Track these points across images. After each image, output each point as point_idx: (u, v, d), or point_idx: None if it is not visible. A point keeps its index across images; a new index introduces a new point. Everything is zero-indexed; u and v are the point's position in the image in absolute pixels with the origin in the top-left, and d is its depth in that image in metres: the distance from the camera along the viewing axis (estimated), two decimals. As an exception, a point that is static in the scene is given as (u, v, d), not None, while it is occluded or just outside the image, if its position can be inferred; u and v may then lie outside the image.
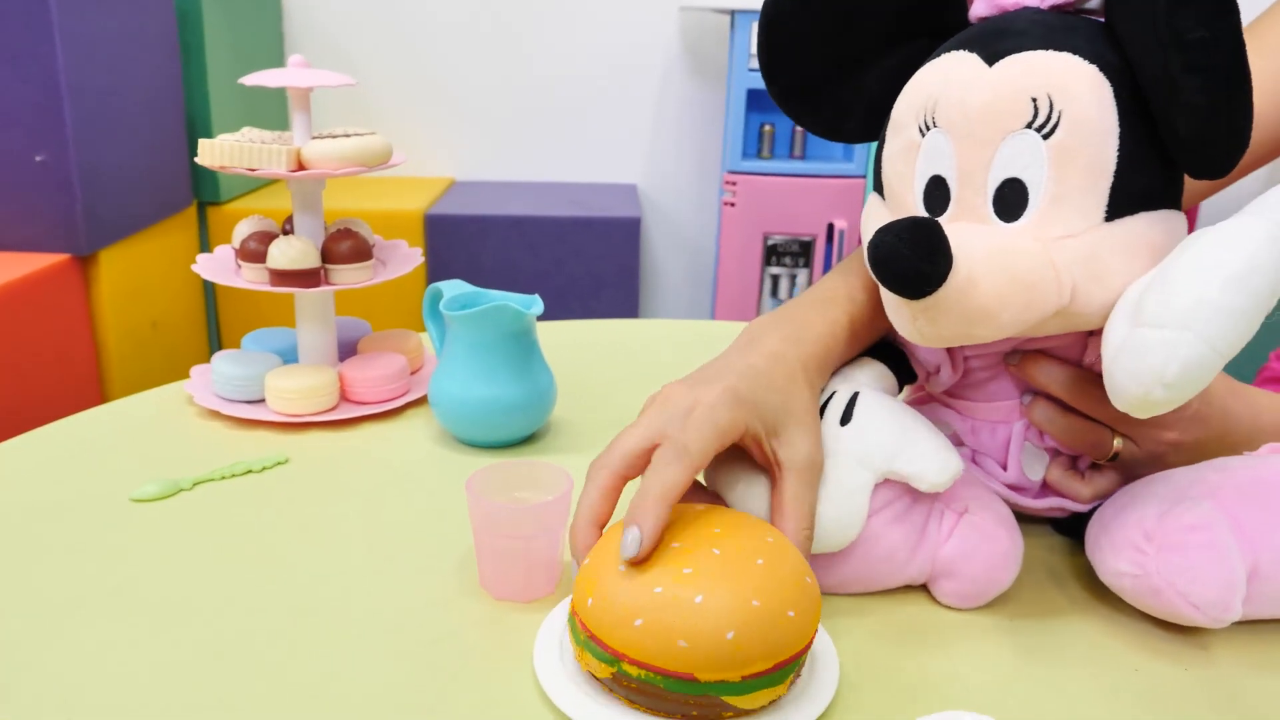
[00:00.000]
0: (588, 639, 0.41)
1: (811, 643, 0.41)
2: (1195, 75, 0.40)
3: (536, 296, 0.69)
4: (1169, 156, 0.45)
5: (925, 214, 0.48)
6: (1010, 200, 0.45)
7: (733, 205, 2.01)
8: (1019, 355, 0.51)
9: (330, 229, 0.79)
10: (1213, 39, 0.39)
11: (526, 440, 0.71)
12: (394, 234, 1.96)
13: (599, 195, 2.23)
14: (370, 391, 0.76)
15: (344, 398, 0.77)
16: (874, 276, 0.42)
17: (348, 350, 0.85)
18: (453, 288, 0.71)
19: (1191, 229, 0.44)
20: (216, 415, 0.74)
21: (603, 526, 0.45)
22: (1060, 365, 0.50)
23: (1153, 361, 0.39)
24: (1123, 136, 0.43)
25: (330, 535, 0.57)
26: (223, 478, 0.64)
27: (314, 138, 0.75)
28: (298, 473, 0.65)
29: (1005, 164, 0.45)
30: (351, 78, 0.75)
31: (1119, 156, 0.43)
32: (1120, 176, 0.43)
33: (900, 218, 0.42)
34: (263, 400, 0.75)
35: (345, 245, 0.74)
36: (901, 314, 0.45)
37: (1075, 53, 0.44)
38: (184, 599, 0.51)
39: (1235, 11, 0.40)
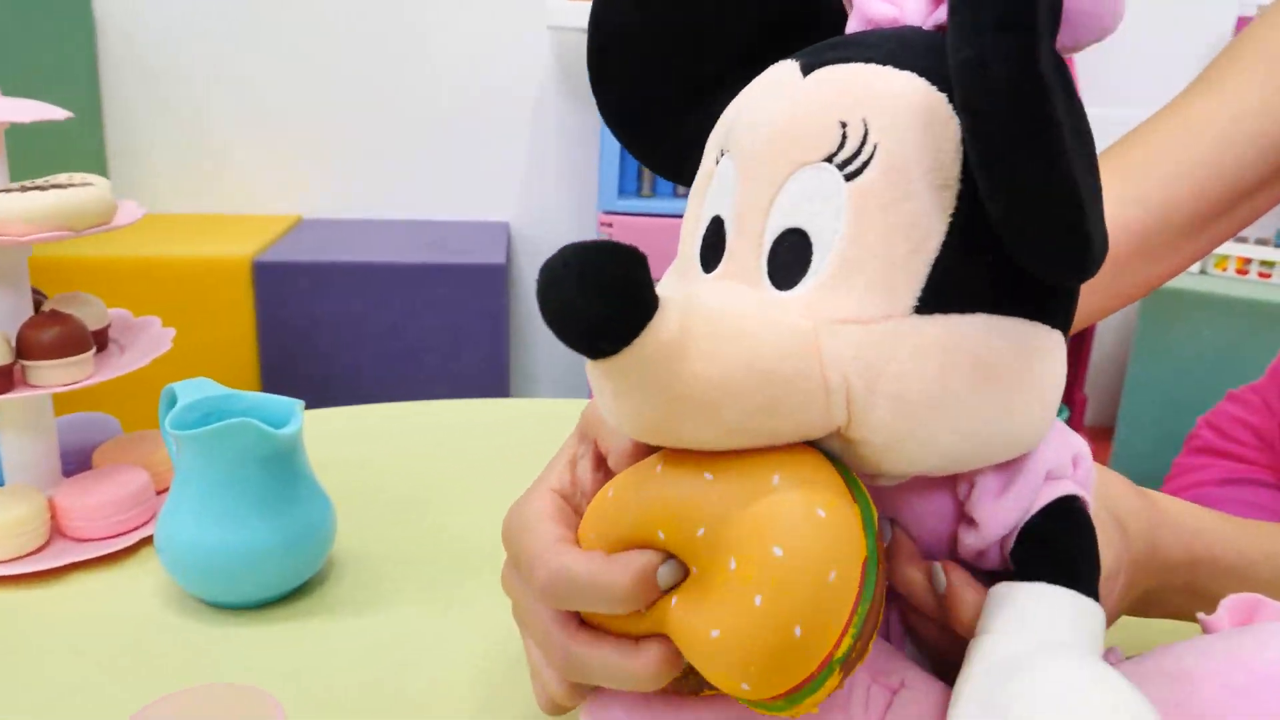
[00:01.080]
0: (786, 699, 0.33)
1: None
2: (965, 115, 0.28)
3: (297, 405, 0.54)
4: None
5: (701, 270, 0.36)
6: (787, 258, 0.33)
7: (610, 249, 1.90)
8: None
9: (46, 307, 0.63)
10: (978, 61, 0.27)
11: (292, 594, 0.56)
12: (216, 285, 1.82)
13: (465, 235, 2.09)
14: (91, 525, 0.60)
15: (58, 533, 0.61)
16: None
17: (82, 461, 0.69)
18: (193, 390, 0.56)
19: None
20: None
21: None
22: (920, 568, 0.37)
23: None
24: (964, 196, 0.31)
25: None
26: None
27: (3, 191, 0.59)
28: (-52, 665, 0.49)
29: (789, 207, 0.33)
30: (63, 110, 0.60)
31: (953, 223, 0.31)
32: (951, 252, 0.31)
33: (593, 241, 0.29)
34: (-62, 543, 0.58)
35: (49, 334, 0.59)
36: (593, 378, 0.32)
37: (922, 74, 0.32)
38: None
39: (1024, 28, 0.27)
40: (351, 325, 1.82)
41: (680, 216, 0.40)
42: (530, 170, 2.31)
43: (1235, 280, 1.87)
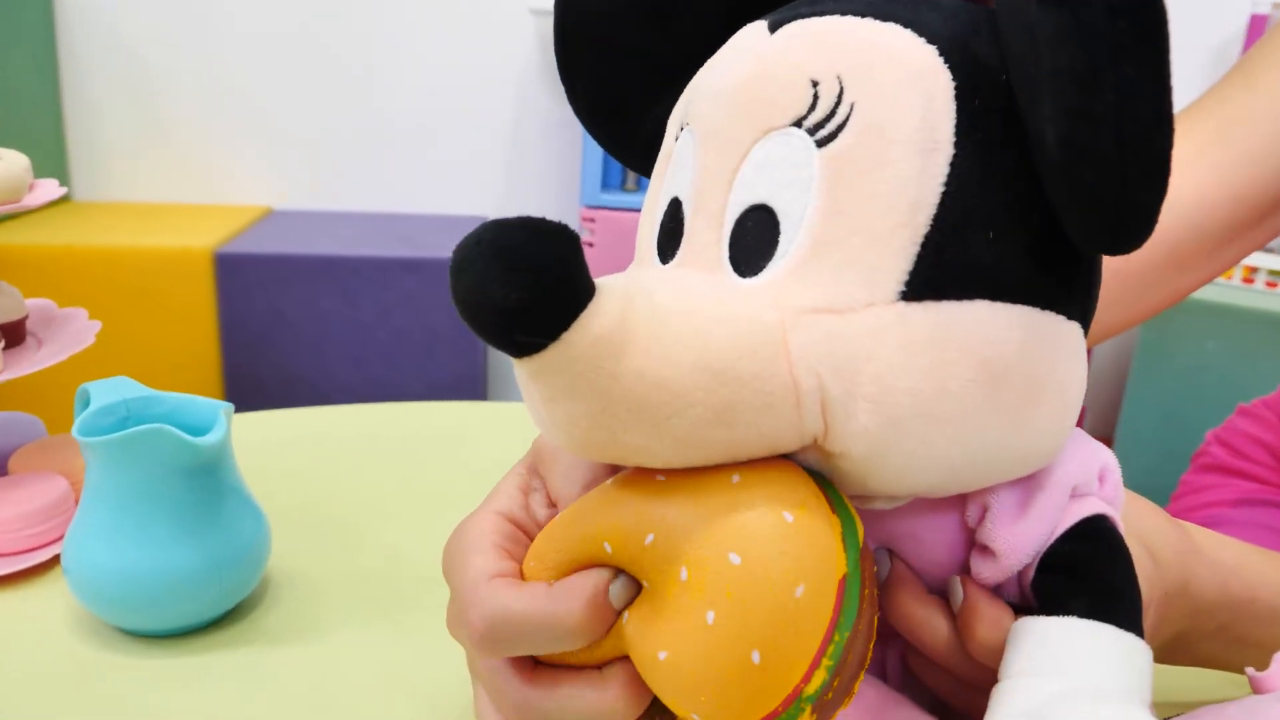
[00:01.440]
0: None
1: None
2: (1053, 7, 0.24)
3: (223, 410, 0.49)
4: (1055, 217, 0.28)
5: (658, 262, 0.32)
6: (752, 240, 0.29)
7: (591, 246, 1.85)
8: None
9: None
10: None
11: (219, 621, 0.51)
12: (176, 277, 1.76)
13: (441, 229, 2.04)
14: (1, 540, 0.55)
15: (-37, 547, 0.56)
16: None
17: (-1, 465, 0.64)
18: (110, 391, 0.51)
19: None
20: None
21: None
22: (924, 602, 0.33)
23: None
24: (959, 163, 0.27)
25: None
26: None
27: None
28: None
29: (753, 180, 0.29)
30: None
31: (945, 193, 0.27)
32: (944, 227, 0.27)
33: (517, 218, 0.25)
34: None
35: (-50, 325, 0.53)
36: (520, 380, 0.29)
37: (908, 26, 0.28)
38: None
39: None
40: (316, 322, 1.76)
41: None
42: (510, 163, 2.26)
43: (1241, 289, 1.84)
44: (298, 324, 1.75)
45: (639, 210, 1.86)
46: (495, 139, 2.25)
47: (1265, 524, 0.85)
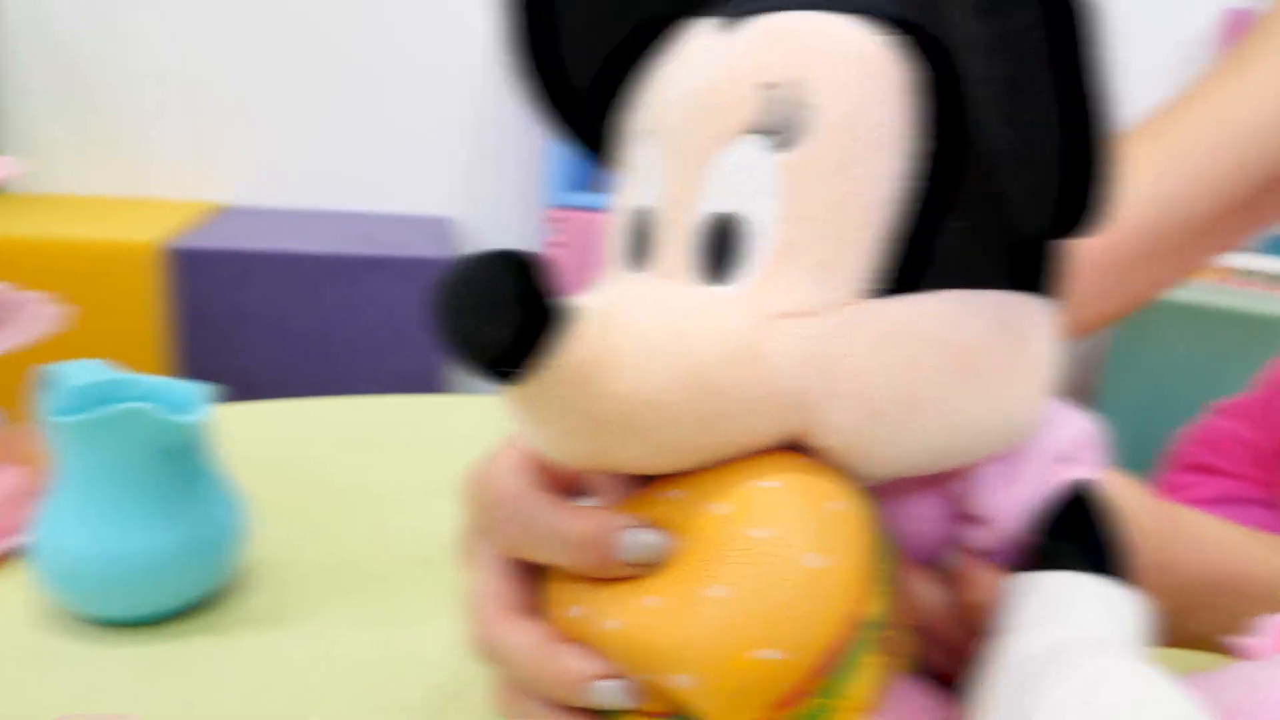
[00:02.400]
0: None
1: None
2: (985, 18, 0.26)
3: (200, 390, 0.48)
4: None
5: (627, 274, 0.33)
6: (721, 249, 0.30)
7: (560, 246, 1.85)
8: None
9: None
10: None
11: (193, 608, 0.50)
12: (118, 273, 1.72)
13: (403, 229, 2.03)
14: (-44, 530, 0.54)
15: (-82, 539, 0.55)
16: None
17: (-47, 456, 0.62)
18: (81, 373, 0.50)
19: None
20: None
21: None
22: (911, 574, 0.34)
23: None
24: (919, 155, 0.29)
25: None
26: None
27: None
28: None
29: (718, 190, 0.30)
30: None
31: (908, 187, 0.29)
32: (909, 222, 0.29)
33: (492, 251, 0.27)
34: None
35: (-97, 304, 0.52)
36: (508, 405, 0.30)
37: (855, 13, 0.29)
38: None
39: None
40: (275, 321, 1.74)
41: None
42: (476, 161, 2.26)
43: (1212, 289, 1.86)
44: (255, 322, 1.73)
45: (605, 210, 1.87)
46: (459, 137, 2.24)
47: (1244, 521, 0.87)
